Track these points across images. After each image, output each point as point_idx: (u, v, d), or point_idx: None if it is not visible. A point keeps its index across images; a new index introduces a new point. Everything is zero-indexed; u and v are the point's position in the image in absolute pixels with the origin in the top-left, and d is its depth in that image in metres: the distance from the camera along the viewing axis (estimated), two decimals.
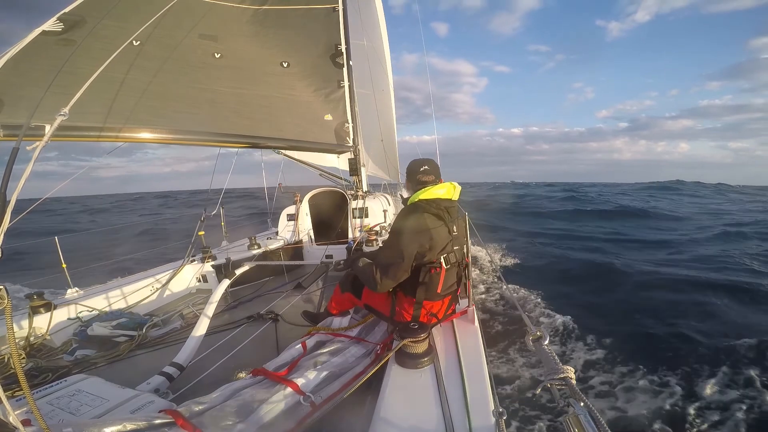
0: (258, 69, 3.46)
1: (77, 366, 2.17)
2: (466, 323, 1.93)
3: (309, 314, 2.56)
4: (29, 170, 1.04)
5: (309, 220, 5.13)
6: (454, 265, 1.81)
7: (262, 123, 3.41)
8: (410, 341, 1.51)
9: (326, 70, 3.73)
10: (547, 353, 1.13)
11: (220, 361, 2.18)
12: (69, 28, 2.51)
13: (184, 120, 3.02)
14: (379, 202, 5.12)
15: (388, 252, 1.78)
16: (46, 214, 25.09)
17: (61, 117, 1.21)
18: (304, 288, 3.63)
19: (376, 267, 1.79)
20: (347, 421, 1.38)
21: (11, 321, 0.88)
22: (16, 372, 0.85)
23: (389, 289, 1.85)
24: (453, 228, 1.80)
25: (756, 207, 21.99)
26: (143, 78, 2.86)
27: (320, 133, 3.68)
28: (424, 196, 1.81)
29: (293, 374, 1.48)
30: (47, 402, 1.36)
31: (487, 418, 1.15)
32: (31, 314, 2.52)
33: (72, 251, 3.32)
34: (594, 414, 0.81)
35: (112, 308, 3.01)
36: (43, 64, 2.40)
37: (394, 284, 1.80)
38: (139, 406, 1.38)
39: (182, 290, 3.73)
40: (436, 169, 1.92)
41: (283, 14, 3.55)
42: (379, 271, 1.77)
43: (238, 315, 2.94)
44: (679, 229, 13.49)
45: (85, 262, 3.75)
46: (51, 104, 1.28)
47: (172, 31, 3.00)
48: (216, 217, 4.47)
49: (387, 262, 1.76)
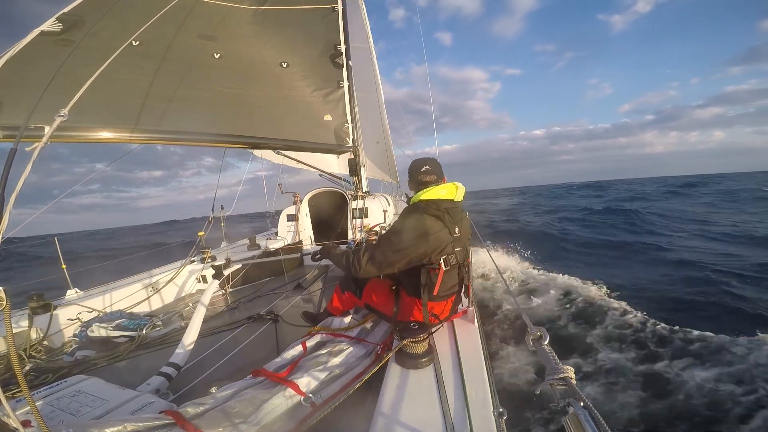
0: (257, 69, 3.46)
1: (77, 367, 2.17)
2: (466, 323, 1.93)
3: (309, 315, 2.56)
4: (28, 171, 1.04)
5: (309, 221, 5.13)
6: (455, 266, 1.79)
7: (262, 123, 3.41)
8: (410, 341, 1.51)
9: (326, 70, 3.73)
10: (547, 353, 1.13)
11: (221, 361, 2.18)
12: (68, 28, 2.51)
13: (184, 120, 3.02)
14: (379, 202, 5.12)
15: (384, 245, 1.76)
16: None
17: (61, 118, 1.20)
18: (304, 288, 3.63)
19: (366, 251, 1.77)
20: (348, 421, 1.38)
21: (11, 322, 0.88)
22: (16, 373, 0.85)
23: (368, 277, 1.85)
24: (455, 229, 1.77)
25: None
26: (143, 79, 2.86)
27: (320, 133, 3.68)
28: (425, 197, 1.80)
29: (293, 375, 1.48)
30: (47, 403, 1.35)
31: (487, 418, 1.15)
32: (31, 315, 2.52)
33: (71, 252, 3.33)
34: (594, 414, 0.81)
35: (112, 309, 3.01)
36: (42, 65, 2.40)
37: (376, 274, 1.81)
38: (139, 406, 1.38)
39: (182, 290, 3.74)
40: (437, 168, 1.90)
41: (282, 14, 3.54)
42: (367, 254, 1.76)
43: (238, 315, 2.94)
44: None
45: (85, 263, 3.76)
46: (50, 105, 1.27)
47: (172, 31, 3.00)
48: (216, 217, 4.47)
49: (378, 251, 1.74)
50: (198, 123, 3.08)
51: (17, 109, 2.36)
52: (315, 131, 3.65)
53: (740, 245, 9.59)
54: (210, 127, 3.13)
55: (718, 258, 8.26)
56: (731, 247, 9.43)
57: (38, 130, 2.20)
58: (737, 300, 5.69)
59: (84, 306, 2.86)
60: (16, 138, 1.23)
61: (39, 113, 1.73)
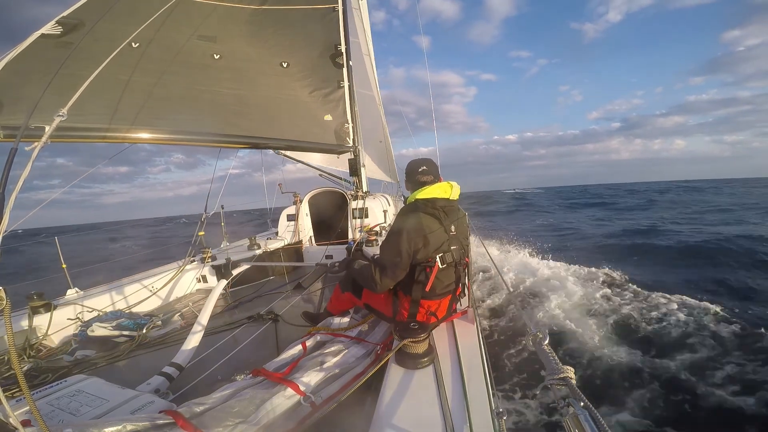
0: (257, 69, 3.46)
1: (77, 366, 2.17)
2: (466, 323, 1.93)
3: (309, 314, 2.56)
4: (28, 170, 1.04)
5: (309, 221, 5.12)
6: (451, 264, 1.80)
7: (262, 123, 3.41)
8: (410, 341, 1.51)
9: (326, 70, 3.73)
10: (547, 353, 1.13)
11: (221, 361, 2.18)
12: (68, 31, 2.52)
13: (184, 121, 3.02)
14: (379, 202, 5.12)
15: (386, 251, 1.79)
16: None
17: (60, 118, 1.21)
18: (304, 288, 3.63)
19: (375, 267, 1.80)
20: (348, 421, 1.38)
21: (11, 322, 0.88)
22: (16, 373, 0.85)
23: (389, 288, 1.85)
24: (451, 227, 1.80)
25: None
26: (142, 79, 2.86)
27: (320, 133, 3.68)
28: (421, 196, 1.82)
29: (293, 375, 1.48)
30: (47, 403, 1.35)
31: (487, 418, 1.15)
32: (30, 314, 2.52)
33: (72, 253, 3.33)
34: (594, 414, 0.81)
35: (112, 308, 3.01)
36: (42, 67, 2.40)
37: (393, 283, 1.80)
38: (139, 406, 1.38)
39: (182, 290, 3.73)
40: (434, 169, 1.93)
41: (282, 14, 3.54)
42: (378, 270, 1.78)
43: (238, 315, 2.94)
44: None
45: (85, 263, 3.76)
46: (50, 106, 1.27)
47: (172, 32, 3.00)
48: (216, 217, 4.47)
49: (385, 261, 1.77)
50: (198, 123, 3.08)
51: (17, 110, 2.36)
52: (315, 131, 3.66)
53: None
54: (210, 128, 3.13)
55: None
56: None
57: (38, 130, 2.20)
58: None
59: (84, 306, 2.86)
60: (16, 138, 1.23)
61: (39, 113, 1.73)
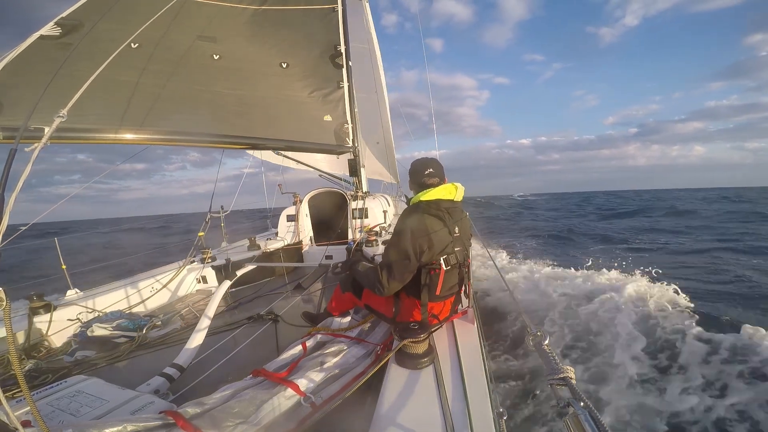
0: (257, 70, 3.46)
1: (77, 367, 2.17)
2: (466, 323, 1.93)
3: (309, 315, 2.56)
4: (28, 171, 1.04)
5: (309, 221, 5.12)
6: (455, 266, 1.78)
7: (262, 124, 3.40)
8: (410, 342, 1.51)
9: (326, 70, 3.73)
10: (547, 353, 1.13)
11: (221, 362, 2.18)
12: (67, 32, 2.52)
13: (184, 121, 3.02)
14: (379, 202, 5.12)
15: (393, 253, 1.74)
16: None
17: (60, 119, 1.21)
18: (304, 288, 3.63)
19: (382, 269, 1.75)
20: (348, 421, 1.38)
21: (11, 322, 0.88)
22: (16, 373, 0.85)
23: (396, 291, 1.81)
24: (455, 229, 1.77)
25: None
26: (142, 80, 2.86)
27: (320, 133, 3.67)
28: (425, 197, 1.80)
29: (293, 375, 1.48)
30: (47, 403, 1.35)
31: (487, 418, 1.15)
32: (30, 315, 2.52)
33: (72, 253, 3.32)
34: (594, 414, 0.81)
35: (112, 309, 3.01)
36: (41, 68, 2.40)
37: (400, 286, 1.76)
38: (139, 407, 1.38)
39: (182, 291, 3.73)
40: (440, 171, 1.88)
41: (282, 14, 3.55)
42: (385, 273, 1.73)
43: (239, 316, 2.94)
44: None
45: (85, 264, 3.76)
46: (50, 107, 1.27)
47: (171, 33, 3.01)
48: (230, 216, 4.48)
49: (392, 264, 1.72)
50: (198, 124, 3.08)
51: (17, 111, 2.36)
52: (315, 132, 3.65)
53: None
54: (210, 128, 3.13)
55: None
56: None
57: (38, 131, 2.20)
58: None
59: (84, 306, 2.86)
60: (15, 139, 1.23)
61: (39, 114, 1.73)
